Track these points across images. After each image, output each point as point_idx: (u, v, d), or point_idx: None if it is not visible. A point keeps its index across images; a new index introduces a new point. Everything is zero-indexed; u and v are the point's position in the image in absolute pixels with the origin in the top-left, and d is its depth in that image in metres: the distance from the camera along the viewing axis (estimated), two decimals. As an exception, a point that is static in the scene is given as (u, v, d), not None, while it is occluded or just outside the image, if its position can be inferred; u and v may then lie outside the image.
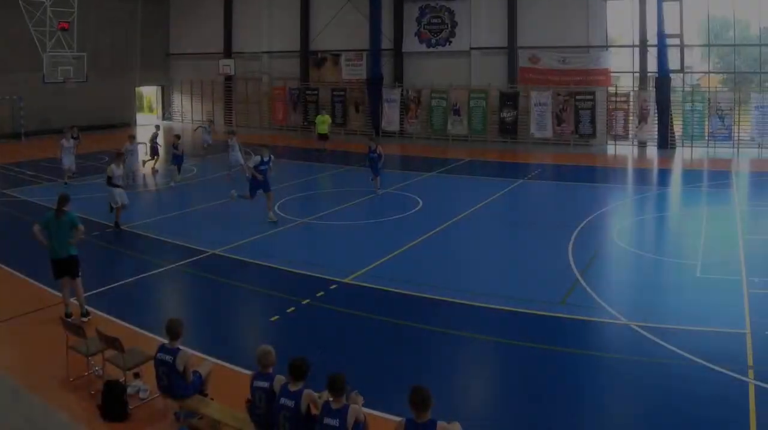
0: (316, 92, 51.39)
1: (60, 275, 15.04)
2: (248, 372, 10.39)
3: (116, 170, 22.54)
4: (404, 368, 12.45)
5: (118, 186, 22.04)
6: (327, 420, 8.32)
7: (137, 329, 14.40)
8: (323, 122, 41.35)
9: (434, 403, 8.00)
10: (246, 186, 24.18)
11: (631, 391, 11.80)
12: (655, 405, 11.04)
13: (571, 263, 18.49)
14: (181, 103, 60.40)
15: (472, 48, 47.01)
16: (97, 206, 24.97)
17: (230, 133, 33.05)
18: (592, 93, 42.93)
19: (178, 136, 32.58)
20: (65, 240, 14.77)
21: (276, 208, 24.18)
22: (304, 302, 15.54)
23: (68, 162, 31.39)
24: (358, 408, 8.48)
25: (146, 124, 53.11)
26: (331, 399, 8.51)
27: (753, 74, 43.49)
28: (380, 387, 11.26)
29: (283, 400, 8.79)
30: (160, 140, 36.43)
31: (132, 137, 30.88)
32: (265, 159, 22.63)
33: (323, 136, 41.21)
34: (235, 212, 24.46)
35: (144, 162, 33.82)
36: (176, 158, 31.34)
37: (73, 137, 32.85)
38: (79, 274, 15.14)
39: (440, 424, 7.93)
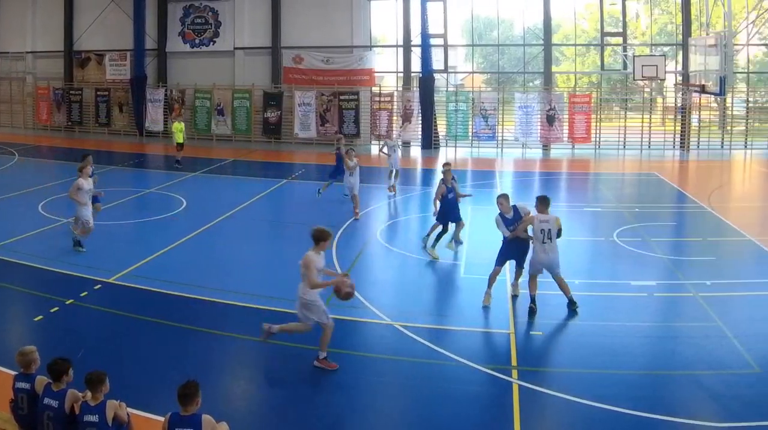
0: (80, 92, 41.54)
1: None
2: (12, 372, 8.68)
3: None
4: (169, 369, 10.29)
5: None
6: (87, 417, 7.20)
7: None
8: (180, 130, 30.11)
9: (200, 403, 6.91)
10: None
11: (396, 391, 10.12)
12: (420, 405, 9.58)
13: (336, 262, 15.69)
14: (-56, 104, 48.06)
15: (236, 48, 38.29)
16: None
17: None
18: (356, 93, 35.86)
19: None
20: None
21: (40, 208, 20.80)
22: (68, 302, 13.09)
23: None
24: (117, 404, 7.29)
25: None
26: (89, 397, 7.28)
27: (517, 74, 37.87)
28: (145, 388, 9.64)
29: (47, 400, 7.43)
30: None
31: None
32: (449, 187, 16.36)
33: (180, 146, 29.92)
34: (2, 212, 20.82)
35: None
36: None
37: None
38: None
39: (206, 417, 6.85)
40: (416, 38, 34.97)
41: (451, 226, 16.60)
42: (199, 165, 29.42)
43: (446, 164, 17.19)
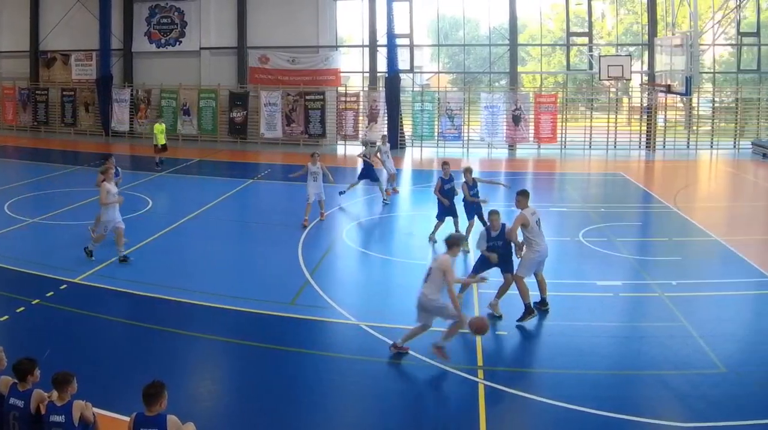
0: (46, 92, 40.62)
1: None
2: (-21, 373, 8.27)
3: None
4: (135, 369, 10.17)
5: None
6: (53, 417, 7.12)
7: None
8: (161, 132, 29.02)
9: (165, 403, 6.76)
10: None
11: (363, 391, 9.92)
12: (387, 405, 9.47)
13: (301, 263, 15.51)
14: None
15: (202, 48, 37.17)
16: None
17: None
18: (322, 93, 34.90)
19: None
20: None
21: (6, 208, 20.44)
22: (34, 302, 12.91)
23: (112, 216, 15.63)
24: (83, 404, 7.15)
25: None
26: (56, 397, 7.15)
27: (483, 74, 36.90)
28: (111, 387, 9.49)
29: (12, 400, 7.35)
30: None
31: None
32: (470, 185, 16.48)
33: (163, 147, 28.87)
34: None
35: None
36: None
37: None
38: None
39: (171, 417, 6.76)
40: (382, 38, 34.25)
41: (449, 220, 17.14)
42: (165, 165, 28.83)
43: (468, 169, 16.69)
